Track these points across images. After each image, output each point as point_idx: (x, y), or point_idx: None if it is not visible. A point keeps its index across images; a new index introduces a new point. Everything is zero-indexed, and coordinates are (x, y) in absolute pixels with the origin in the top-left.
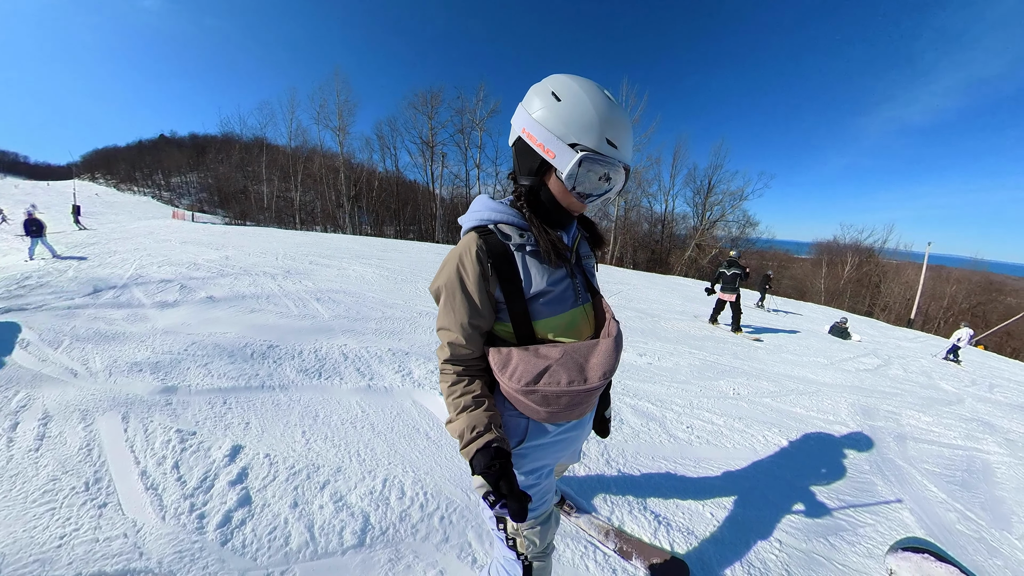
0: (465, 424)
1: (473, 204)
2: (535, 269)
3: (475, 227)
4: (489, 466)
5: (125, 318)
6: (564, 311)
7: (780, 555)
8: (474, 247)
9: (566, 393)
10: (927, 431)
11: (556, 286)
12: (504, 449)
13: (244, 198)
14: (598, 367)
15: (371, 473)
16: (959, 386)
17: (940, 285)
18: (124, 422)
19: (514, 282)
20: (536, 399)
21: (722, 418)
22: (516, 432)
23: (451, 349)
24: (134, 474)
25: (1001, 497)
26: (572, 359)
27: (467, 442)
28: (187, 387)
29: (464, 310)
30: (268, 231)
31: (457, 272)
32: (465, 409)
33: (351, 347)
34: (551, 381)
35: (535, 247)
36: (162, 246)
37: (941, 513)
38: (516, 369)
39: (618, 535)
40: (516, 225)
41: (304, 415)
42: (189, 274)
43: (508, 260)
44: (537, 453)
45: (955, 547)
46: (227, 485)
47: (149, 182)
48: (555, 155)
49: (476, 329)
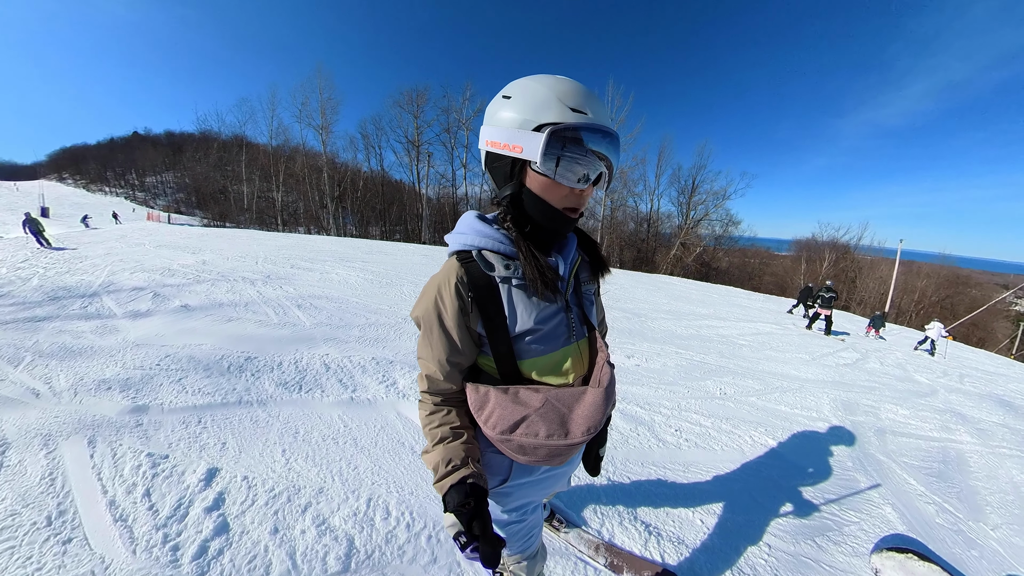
0: (440, 456)
1: (460, 221)
2: (522, 305)
3: (459, 251)
4: (463, 504)
5: (94, 330)
6: (554, 350)
7: (769, 559)
8: (453, 278)
9: (544, 447)
10: (904, 424)
11: (546, 323)
12: (480, 486)
13: (223, 198)
14: (582, 421)
15: (354, 493)
16: (932, 377)
17: (911, 280)
18: (91, 447)
19: (497, 319)
20: (512, 447)
21: (710, 419)
22: (500, 470)
23: (429, 382)
24: (101, 504)
25: (975, 487)
26: (554, 409)
27: (441, 476)
28: (159, 405)
29: (441, 346)
30: (249, 233)
31: (435, 304)
32: (442, 440)
33: (333, 357)
34: (528, 432)
35: (522, 279)
36: (135, 250)
37: (921, 507)
38: (492, 414)
39: (608, 549)
40: (502, 253)
41: (284, 432)
42: (163, 281)
43: (491, 293)
44: (522, 492)
45: (935, 541)
46: (203, 512)
47: (122, 182)
48: (523, 147)
49: (455, 366)
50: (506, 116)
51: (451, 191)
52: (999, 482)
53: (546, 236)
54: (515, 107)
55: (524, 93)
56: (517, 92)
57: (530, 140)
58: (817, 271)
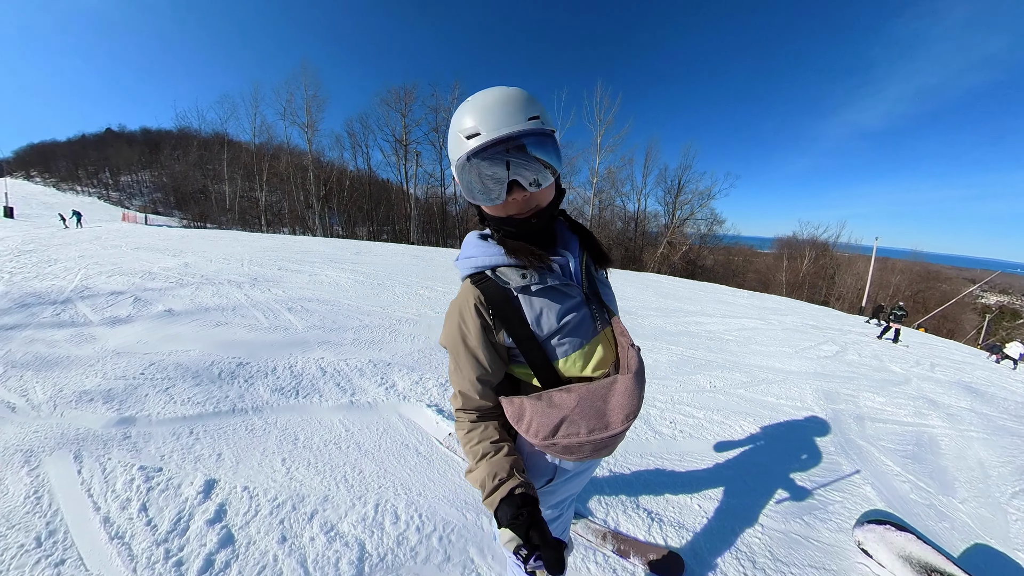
0: (486, 472)
1: (464, 245)
2: (544, 307)
3: (471, 275)
4: (516, 516)
5: (69, 339)
6: (586, 343)
7: (763, 538)
8: (472, 299)
9: (588, 443)
10: (881, 411)
11: (572, 316)
12: (530, 495)
13: (204, 198)
14: (619, 409)
15: (361, 499)
16: (905, 367)
17: (886, 275)
18: (77, 462)
19: (523, 329)
20: (557, 450)
21: (702, 411)
22: (545, 472)
23: (463, 399)
24: (95, 522)
25: (945, 467)
26: (590, 404)
27: (489, 491)
28: (147, 417)
29: (470, 368)
30: (232, 234)
31: (459, 329)
32: (484, 456)
33: (329, 360)
34: (570, 432)
35: (540, 283)
36: (111, 253)
37: (897, 485)
38: (531, 423)
39: (615, 537)
40: (514, 265)
41: (283, 440)
42: (143, 284)
43: (512, 306)
44: (564, 487)
45: (910, 515)
46: (205, 525)
47: (95, 181)
48: (458, 181)
49: (486, 384)
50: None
51: (440, 191)
52: (967, 461)
53: (529, 239)
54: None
55: (449, 129)
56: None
57: (458, 176)
58: (798, 268)
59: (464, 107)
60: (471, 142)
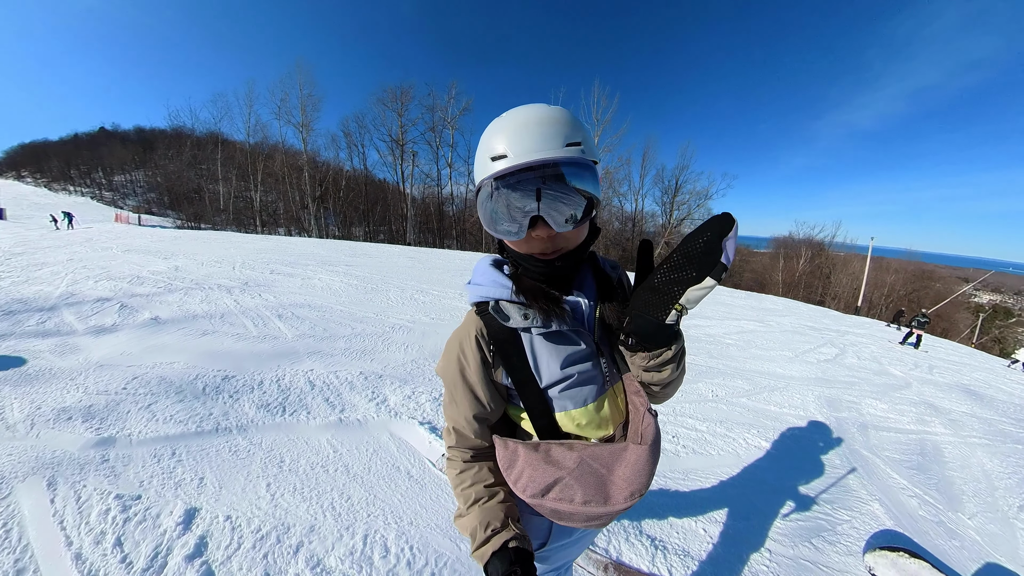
0: (478, 520)
1: (475, 269)
2: (546, 353)
3: (477, 303)
4: (508, 573)
5: (52, 349)
6: (591, 400)
7: (771, 564)
8: (473, 331)
9: (580, 513)
10: (884, 418)
11: (575, 367)
12: (525, 549)
13: (198, 198)
14: (624, 484)
15: (349, 529)
16: (905, 370)
17: (881, 275)
18: (51, 489)
19: (523, 371)
20: (546, 511)
21: (704, 423)
22: (539, 533)
23: (457, 437)
24: (66, 559)
25: (951, 478)
26: (590, 471)
27: (480, 542)
28: (127, 437)
29: (467, 404)
30: (225, 235)
31: (458, 361)
32: (477, 501)
33: (318, 372)
34: (562, 496)
35: (543, 327)
36: (101, 256)
37: (904, 500)
38: (522, 475)
39: (616, 568)
40: (518, 302)
41: (268, 462)
42: (131, 290)
43: (514, 345)
44: (561, 553)
45: (919, 533)
46: (183, 561)
47: (88, 180)
48: (478, 208)
49: (482, 422)
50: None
51: (436, 191)
52: (972, 471)
53: (546, 279)
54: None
55: (478, 149)
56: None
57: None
58: (794, 267)
59: (495, 124)
60: (496, 164)
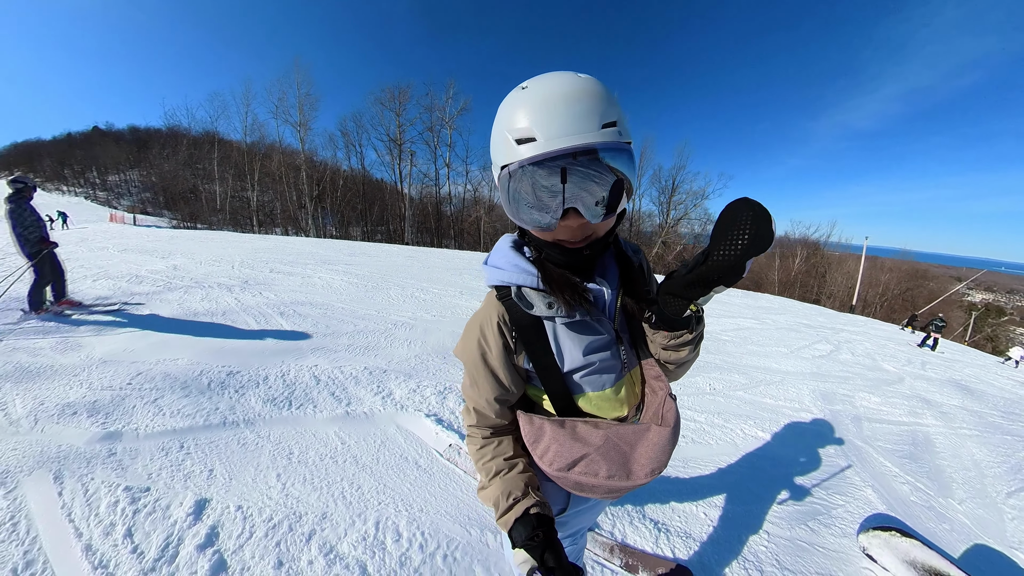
0: (500, 490)
1: (495, 249)
2: (569, 341)
3: (497, 286)
4: (531, 537)
5: (54, 347)
6: (610, 384)
7: (769, 546)
8: (495, 316)
9: (603, 486)
10: (877, 411)
11: (597, 355)
12: (546, 515)
13: (194, 198)
14: (646, 462)
15: (361, 516)
16: (898, 366)
17: (876, 274)
18: (58, 483)
19: (546, 358)
20: (569, 484)
21: (703, 415)
22: (557, 500)
23: (477, 416)
24: (76, 550)
25: (942, 466)
26: (615, 448)
27: (503, 511)
28: (134, 431)
29: (488, 386)
30: (222, 235)
31: (479, 344)
32: (498, 474)
33: (323, 368)
34: (587, 471)
35: (567, 317)
36: (97, 255)
37: (896, 487)
38: (548, 449)
39: (622, 550)
40: (541, 289)
41: (276, 454)
42: (131, 289)
43: (537, 332)
44: (578, 519)
45: (911, 517)
46: (195, 550)
47: (81, 180)
48: (500, 191)
49: (503, 403)
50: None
51: (434, 190)
52: (962, 460)
53: (570, 266)
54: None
55: (495, 121)
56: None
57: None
58: (790, 267)
59: (518, 97)
60: (522, 149)
